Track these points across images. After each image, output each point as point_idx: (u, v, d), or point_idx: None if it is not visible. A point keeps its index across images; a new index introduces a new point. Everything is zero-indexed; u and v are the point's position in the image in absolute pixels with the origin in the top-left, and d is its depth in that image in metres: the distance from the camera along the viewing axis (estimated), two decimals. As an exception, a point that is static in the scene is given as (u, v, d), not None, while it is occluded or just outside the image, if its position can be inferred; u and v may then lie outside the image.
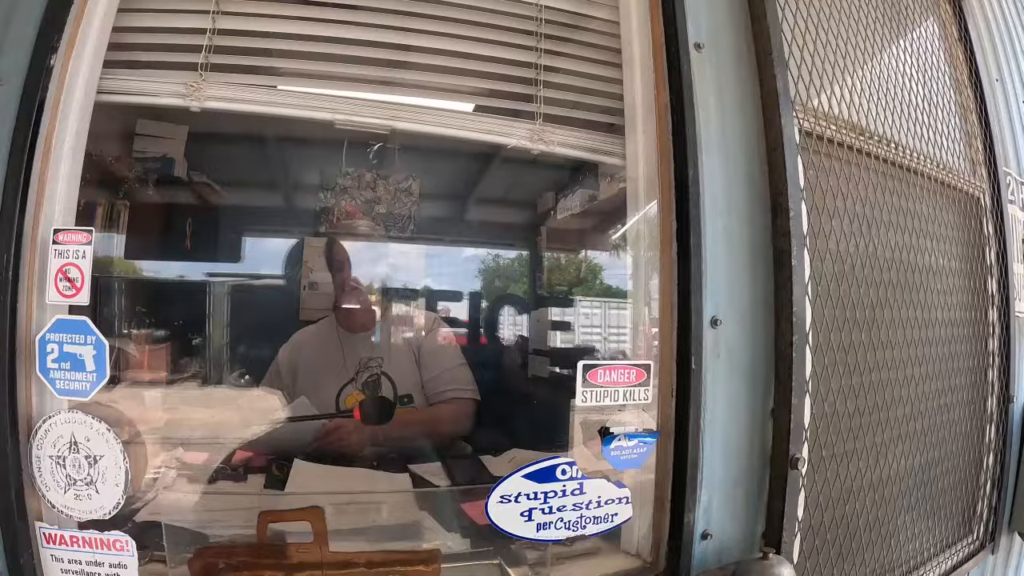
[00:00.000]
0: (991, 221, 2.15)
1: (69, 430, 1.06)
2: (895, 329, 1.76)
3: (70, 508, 1.08)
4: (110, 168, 2.32)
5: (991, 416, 2.15)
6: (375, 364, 2.18)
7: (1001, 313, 2.15)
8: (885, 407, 1.72)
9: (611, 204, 2.25)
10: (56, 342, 1.07)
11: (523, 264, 3.41)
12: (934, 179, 1.94)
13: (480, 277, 3.32)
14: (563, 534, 1.24)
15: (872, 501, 1.69)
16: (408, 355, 2.30)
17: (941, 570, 1.91)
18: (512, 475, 1.20)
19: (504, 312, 3.21)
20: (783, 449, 1.38)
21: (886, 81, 1.83)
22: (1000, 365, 2.16)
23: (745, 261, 1.40)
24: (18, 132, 1.08)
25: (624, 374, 1.27)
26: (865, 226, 1.66)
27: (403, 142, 2.63)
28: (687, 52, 1.38)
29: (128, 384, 1.86)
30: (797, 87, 1.50)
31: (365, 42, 1.41)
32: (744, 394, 1.40)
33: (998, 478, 2.14)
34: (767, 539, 1.39)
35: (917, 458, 1.85)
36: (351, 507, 1.46)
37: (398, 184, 2.92)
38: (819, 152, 1.54)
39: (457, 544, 1.38)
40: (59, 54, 1.13)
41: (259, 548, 1.15)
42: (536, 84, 1.50)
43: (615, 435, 1.26)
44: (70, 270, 1.09)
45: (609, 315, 2.89)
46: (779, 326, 1.40)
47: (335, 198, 2.91)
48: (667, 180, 1.37)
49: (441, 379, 2.28)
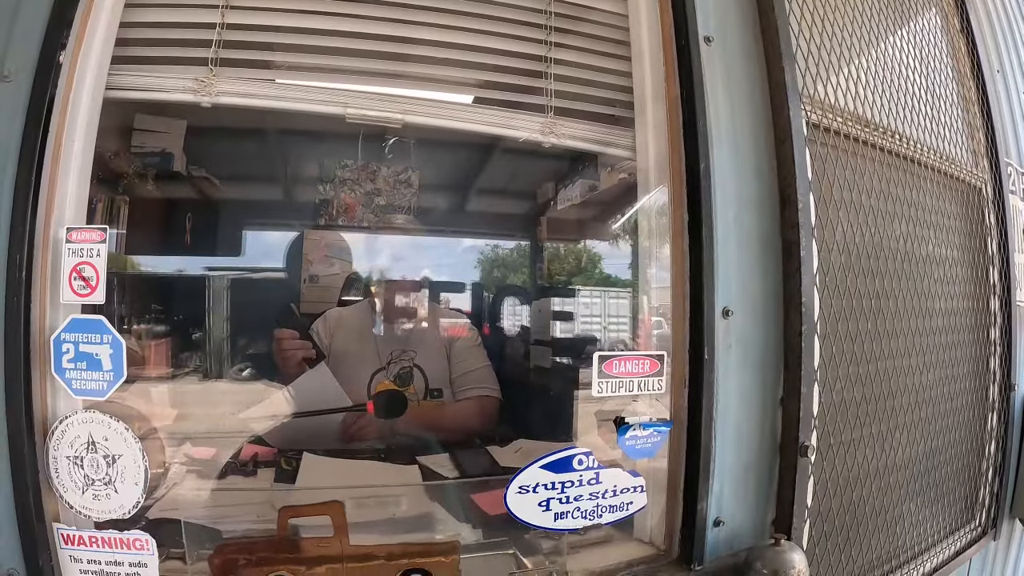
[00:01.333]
0: (993, 211, 2.17)
1: (87, 430, 1.06)
2: (900, 318, 1.78)
3: (88, 508, 1.07)
4: (109, 164, 2.30)
5: (993, 404, 2.18)
6: (408, 357, 2.20)
7: (1003, 302, 2.17)
8: (890, 395, 1.74)
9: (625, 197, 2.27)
10: (72, 342, 1.07)
11: (523, 256, 3.41)
12: (937, 170, 1.96)
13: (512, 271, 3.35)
14: (580, 523, 1.25)
15: (878, 488, 1.71)
16: (440, 351, 2.32)
17: (944, 556, 1.94)
18: (530, 466, 1.21)
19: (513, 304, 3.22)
20: (793, 437, 1.40)
21: (890, 73, 1.84)
22: (1002, 354, 2.19)
23: (755, 252, 1.42)
24: (28, 130, 1.07)
25: (639, 365, 1.28)
26: (871, 217, 1.67)
27: (416, 135, 2.62)
28: (697, 45, 1.38)
29: (136, 381, 1.86)
30: (804, 80, 1.51)
31: (376, 36, 1.40)
32: (755, 383, 1.41)
33: (1000, 465, 2.17)
34: (777, 525, 1.41)
35: (921, 446, 1.88)
36: (363, 500, 1.46)
37: (397, 175, 2.91)
38: (826, 144, 1.56)
39: (470, 535, 1.38)
40: (68, 51, 1.12)
41: (279, 543, 1.15)
42: (546, 77, 1.50)
43: (630, 424, 1.27)
44: (85, 269, 1.08)
45: (624, 307, 2.89)
46: (788, 316, 1.42)
47: (334, 190, 2.90)
48: (678, 172, 1.38)
49: (470, 377, 2.31)
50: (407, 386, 2.16)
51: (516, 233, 3.38)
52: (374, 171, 2.89)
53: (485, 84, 1.54)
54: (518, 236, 3.39)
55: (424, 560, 1.18)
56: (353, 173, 2.90)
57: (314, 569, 1.14)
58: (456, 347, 2.37)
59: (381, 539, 1.24)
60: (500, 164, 2.98)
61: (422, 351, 2.26)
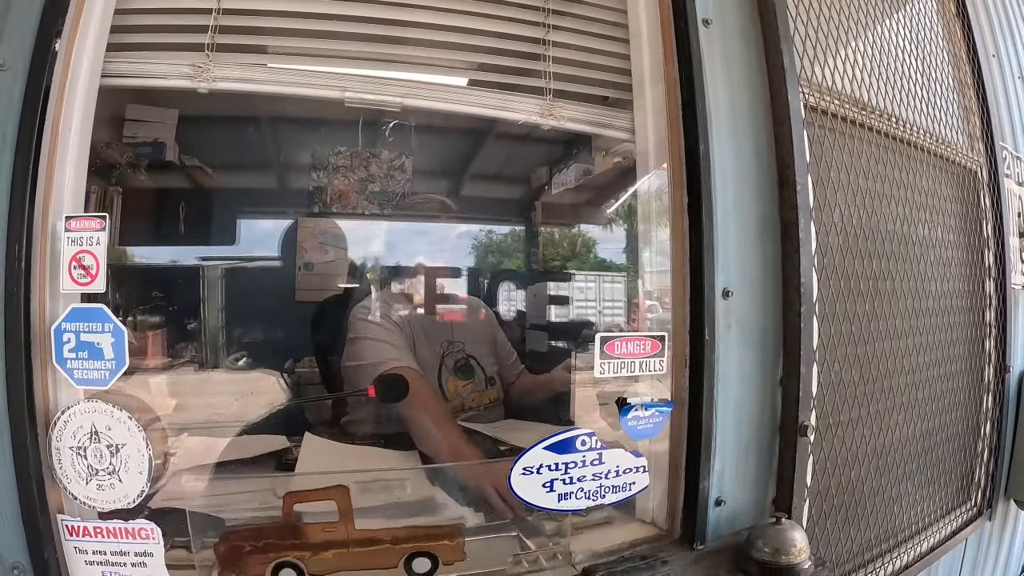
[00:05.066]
0: (988, 195, 2.19)
1: (89, 420, 1.05)
2: (897, 300, 1.79)
3: (93, 499, 1.07)
4: (102, 155, 2.28)
5: (988, 385, 2.20)
6: (458, 348, 2.14)
7: (998, 285, 2.19)
8: (888, 376, 1.76)
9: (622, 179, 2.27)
10: (72, 331, 1.06)
11: (518, 240, 3.42)
12: (933, 153, 1.97)
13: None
14: (584, 504, 1.26)
15: (876, 467, 1.73)
16: (483, 338, 2.27)
17: (941, 535, 1.97)
18: (534, 447, 1.21)
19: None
20: (792, 417, 1.41)
21: (887, 56, 1.84)
22: (997, 335, 2.21)
23: (754, 233, 1.43)
24: (25, 119, 1.05)
25: (640, 345, 1.29)
26: (868, 199, 1.68)
27: (414, 120, 2.60)
28: (695, 27, 1.38)
29: (135, 372, 1.85)
30: (803, 62, 1.51)
31: (374, 19, 1.39)
32: (755, 363, 1.43)
33: (995, 446, 2.20)
34: (778, 504, 1.43)
35: (918, 425, 1.90)
36: (365, 484, 1.46)
37: (391, 161, 2.90)
38: (824, 126, 1.56)
39: (473, 518, 1.39)
40: (63, 38, 1.10)
41: (285, 529, 1.16)
42: (545, 59, 1.49)
43: (632, 405, 1.27)
44: (84, 257, 1.07)
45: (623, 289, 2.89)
46: (787, 297, 1.44)
47: (328, 177, 2.90)
48: (677, 154, 1.38)
49: (516, 362, 2.33)
50: (471, 379, 2.12)
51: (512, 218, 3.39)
52: (367, 157, 2.89)
53: (484, 67, 1.53)
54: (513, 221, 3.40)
55: (429, 544, 1.18)
56: (347, 160, 2.89)
57: (320, 554, 1.14)
58: (500, 336, 2.35)
59: (384, 523, 1.24)
60: (496, 148, 2.98)
61: (466, 339, 2.20)
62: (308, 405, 2.35)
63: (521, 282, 3.20)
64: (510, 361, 2.31)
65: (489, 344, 2.27)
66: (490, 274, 3.22)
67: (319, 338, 2.46)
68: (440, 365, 2.09)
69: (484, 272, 3.20)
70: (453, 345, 2.14)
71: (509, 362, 2.31)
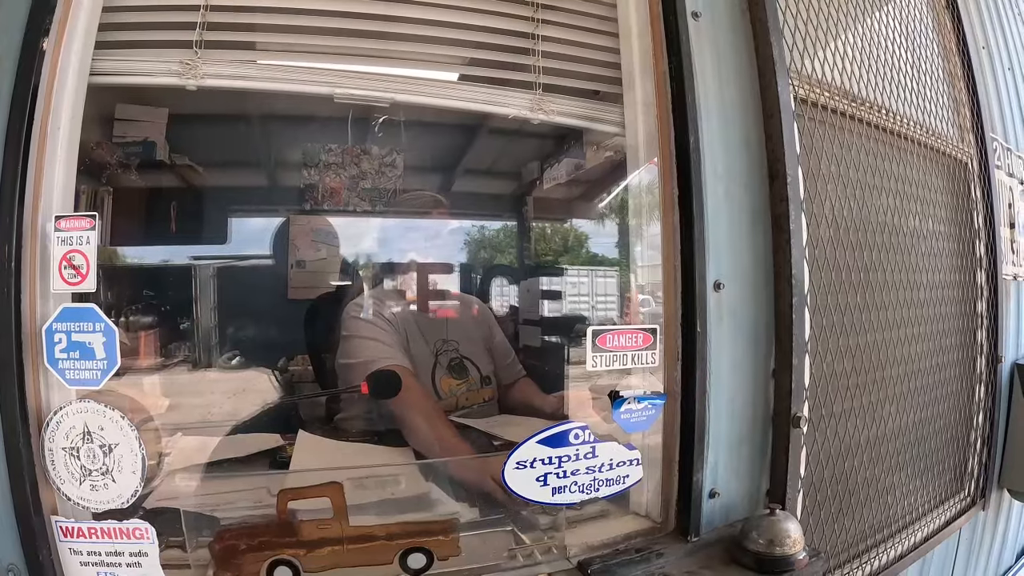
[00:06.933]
0: (979, 186, 2.20)
1: (82, 420, 1.05)
2: (888, 291, 1.80)
3: (86, 499, 1.07)
4: (92, 154, 2.27)
5: (980, 376, 2.22)
6: (451, 347, 2.12)
7: (989, 275, 2.21)
8: (880, 367, 1.77)
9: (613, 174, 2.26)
10: (64, 331, 1.05)
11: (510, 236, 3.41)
12: (924, 144, 1.97)
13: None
14: (577, 497, 1.26)
15: (869, 458, 1.74)
16: (478, 338, 2.25)
17: (935, 525, 1.98)
18: (527, 441, 1.22)
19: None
20: (785, 408, 1.42)
21: (877, 48, 1.85)
22: (988, 326, 2.22)
23: (745, 226, 1.43)
24: (13, 118, 1.05)
25: (632, 338, 1.29)
26: (859, 190, 1.69)
27: (404, 115, 2.59)
28: (685, 20, 1.38)
29: (127, 373, 1.84)
30: (792, 54, 1.51)
31: (363, 15, 1.39)
32: (747, 355, 1.43)
33: (988, 436, 2.21)
34: (771, 496, 1.44)
35: (911, 416, 1.91)
36: (359, 481, 1.46)
37: (382, 157, 2.89)
38: (814, 118, 1.57)
39: (468, 513, 1.39)
40: (51, 37, 1.10)
41: (280, 526, 1.15)
42: (534, 54, 1.49)
43: (625, 398, 1.28)
44: (75, 257, 1.07)
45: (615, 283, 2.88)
46: (779, 289, 1.44)
47: (319, 174, 2.88)
48: (667, 147, 1.38)
49: (515, 363, 2.30)
50: (465, 378, 2.10)
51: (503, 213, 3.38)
52: (358, 154, 2.87)
53: (474, 62, 1.53)
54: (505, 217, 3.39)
55: (424, 539, 1.19)
56: (338, 156, 2.88)
57: (316, 551, 1.14)
58: (497, 337, 2.32)
59: (379, 520, 1.24)
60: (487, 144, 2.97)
61: (461, 337, 2.18)
62: (301, 403, 2.33)
63: (514, 277, 3.19)
64: (508, 361, 2.29)
65: (485, 342, 2.26)
66: (483, 270, 3.21)
67: (312, 336, 2.45)
68: (434, 363, 2.08)
69: (477, 268, 3.19)
70: (447, 343, 2.13)
71: (507, 362, 2.29)
